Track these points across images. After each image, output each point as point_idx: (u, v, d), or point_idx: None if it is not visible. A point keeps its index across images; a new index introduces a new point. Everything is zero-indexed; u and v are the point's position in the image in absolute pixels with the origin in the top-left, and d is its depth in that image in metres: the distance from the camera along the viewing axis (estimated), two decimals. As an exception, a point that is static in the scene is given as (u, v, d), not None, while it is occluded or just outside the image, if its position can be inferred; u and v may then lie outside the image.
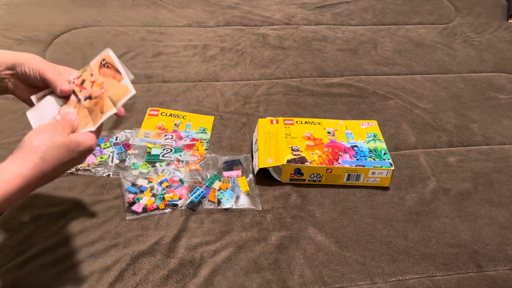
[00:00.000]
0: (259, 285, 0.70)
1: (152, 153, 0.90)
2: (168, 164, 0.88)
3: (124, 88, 0.63)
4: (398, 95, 1.16)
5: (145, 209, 0.79)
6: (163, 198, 0.81)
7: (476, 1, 1.70)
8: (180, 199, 0.81)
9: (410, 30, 1.48)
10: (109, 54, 0.65)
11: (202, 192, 0.82)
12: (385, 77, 1.23)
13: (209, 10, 1.49)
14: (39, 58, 0.64)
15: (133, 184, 0.83)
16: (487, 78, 1.27)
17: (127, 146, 0.91)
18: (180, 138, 0.94)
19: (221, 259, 0.73)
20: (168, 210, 0.80)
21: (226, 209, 0.82)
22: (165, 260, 0.72)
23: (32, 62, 0.63)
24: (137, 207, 0.79)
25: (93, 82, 0.64)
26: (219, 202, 0.82)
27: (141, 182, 0.84)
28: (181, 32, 1.36)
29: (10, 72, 0.64)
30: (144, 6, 1.47)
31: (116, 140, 0.93)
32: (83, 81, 0.65)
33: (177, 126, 0.98)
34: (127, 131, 0.95)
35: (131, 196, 0.81)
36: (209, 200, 0.82)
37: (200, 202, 0.82)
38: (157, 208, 0.80)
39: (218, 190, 0.83)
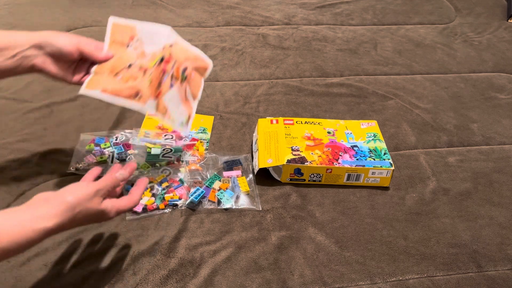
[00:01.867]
0: (259, 285, 0.70)
1: (152, 153, 0.90)
2: (168, 164, 0.88)
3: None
4: (398, 95, 1.16)
5: (145, 209, 0.79)
6: (163, 198, 0.81)
7: (476, 1, 1.70)
8: (180, 199, 0.81)
9: (410, 30, 1.48)
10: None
11: (202, 192, 0.82)
12: (385, 77, 1.23)
13: (209, 10, 1.49)
14: (67, 34, 0.69)
15: (133, 184, 0.83)
16: (487, 78, 1.27)
17: (127, 146, 0.91)
18: (180, 138, 0.94)
19: (221, 259, 0.73)
20: (168, 210, 0.80)
21: (226, 209, 0.82)
22: (165, 260, 0.72)
23: (64, 39, 0.67)
24: (137, 207, 0.79)
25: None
26: (219, 202, 0.82)
27: None
28: (181, 32, 1.35)
29: (36, 50, 0.67)
30: (144, 6, 1.47)
31: (116, 140, 0.93)
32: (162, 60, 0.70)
33: None
34: (127, 131, 0.95)
35: None
36: (209, 200, 0.82)
37: (200, 202, 0.82)
38: (157, 208, 0.80)
39: (218, 190, 0.83)
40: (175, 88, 0.70)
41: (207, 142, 0.95)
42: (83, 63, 0.72)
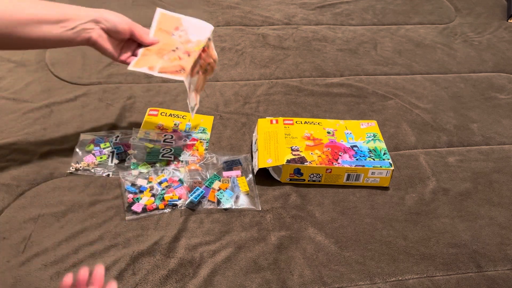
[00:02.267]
0: (259, 285, 0.70)
1: (152, 153, 0.90)
2: (167, 164, 0.88)
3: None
4: (398, 95, 1.16)
5: (144, 209, 0.79)
6: (163, 198, 0.81)
7: (476, 1, 1.70)
8: (179, 199, 0.81)
9: (410, 30, 1.48)
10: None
11: (201, 192, 0.82)
12: (385, 77, 1.23)
13: (209, 10, 1.49)
14: (121, 14, 0.76)
15: (133, 184, 0.83)
16: (487, 78, 1.27)
17: (126, 146, 0.91)
18: (180, 138, 0.94)
19: (220, 259, 0.73)
20: (167, 210, 0.80)
21: (225, 209, 0.82)
22: (165, 260, 0.72)
23: (119, 18, 0.75)
24: (136, 207, 0.79)
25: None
26: (218, 202, 0.82)
27: (140, 182, 0.84)
28: (181, 32, 1.36)
29: (94, 25, 0.73)
30: (144, 6, 1.47)
31: (116, 140, 0.93)
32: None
33: (177, 126, 0.98)
34: (127, 131, 0.95)
35: (130, 196, 0.81)
36: (208, 200, 0.82)
37: (199, 202, 0.82)
38: (157, 208, 0.80)
39: (218, 190, 0.83)
40: (197, 76, 0.82)
41: (206, 142, 0.95)
42: (130, 44, 0.79)
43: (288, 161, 0.85)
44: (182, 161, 0.89)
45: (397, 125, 1.06)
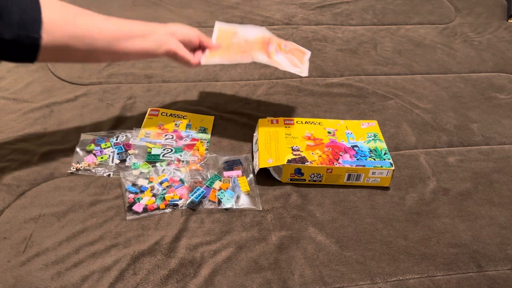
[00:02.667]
0: (260, 285, 0.70)
1: (152, 153, 0.90)
2: (168, 164, 0.88)
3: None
4: (398, 95, 1.16)
5: (145, 209, 0.79)
6: (164, 198, 0.81)
7: (476, 1, 1.70)
8: (180, 199, 0.81)
9: (410, 30, 1.48)
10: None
11: (202, 192, 0.82)
12: (385, 77, 1.23)
13: (209, 10, 1.49)
14: (192, 27, 0.88)
15: (134, 184, 0.84)
16: (487, 78, 1.27)
17: (127, 146, 0.91)
18: (181, 138, 0.94)
19: (221, 259, 0.73)
20: (168, 210, 0.80)
21: (226, 209, 0.82)
22: (166, 260, 0.72)
23: (189, 29, 0.87)
24: (137, 207, 0.79)
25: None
26: (219, 202, 0.82)
27: (141, 182, 0.84)
28: (181, 32, 1.36)
29: (171, 37, 0.83)
30: (144, 6, 1.47)
31: (116, 140, 0.93)
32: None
33: (178, 126, 0.98)
34: (128, 131, 0.95)
35: (131, 196, 0.81)
36: (209, 200, 0.82)
37: (200, 202, 0.82)
38: (158, 208, 0.80)
39: (219, 190, 0.83)
40: (282, 54, 0.94)
41: (207, 142, 0.95)
42: (197, 51, 0.89)
43: (288, 161, 0.85)
44: (183, 161, 0.89)
45: (397, 125, 1.06)
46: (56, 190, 0.82)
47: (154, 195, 0.82)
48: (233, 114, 1.05)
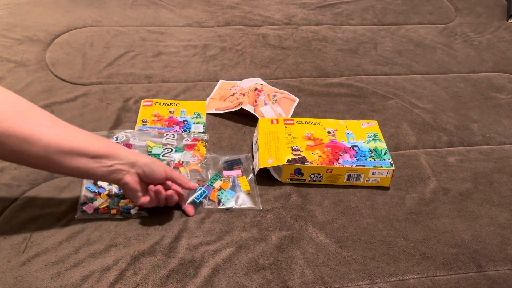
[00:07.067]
0: (260, 285, 0.70)
1: (152, 152, 0.90)
2: (168, 164, 0.88)
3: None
4: (398, 95, 1.16)
5: (97, 211, 0.78)
6: (118, 204, 0.79)
7: (476, 1, 1.70)
8: (134, 207, 0.79)
9: (410, 30, 1.48)
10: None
11: (204, 192, 0.82)
12: (385, 77, 1.23)
13: (209, 10, 1.49)
14: (160, 162, 0.77)
15: (95, 184, 0.82)
16: (487, 78, 1.27)
17: (127, 146, 0.91)
18: (181, 138, 0.94)
19: (221, 259, 0.73)
20: (119, 217, 0.78)
21: (226, 209, 0.82)
22: (166, 260, 0.72)
23: (158, 165, 0.75)
24: (88, 208, 0.78)
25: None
26: (219, 201, 0.82)
27: (102, 183, 0.82)
28: (181, 32, 1.36)
29: (129, 168, 0.73)
30: (144, 6, 1.47)
31: (116, 140, 0.93)
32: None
33: (172, 113, 1.01)
34: (127, 131, 0.95)
35: (88, 194, 0.80)
36: (209, 200, 0.82)
37: (200, 202, 0.82)
38: (109, 212, 0.78)
39: (219, 190, 0.83)
40: (269, 106, 1.04)
41: (203, 126, 0.99)
42: (158, 186, 0.76)
43: (288, 161, 0.85)
44: (183, 162, 0.89)
45: (397, 125, 1.06)
46: (55, 190, 0.82)
47: (110, 198, 0.80)
48: (233, 114, 1.05)
